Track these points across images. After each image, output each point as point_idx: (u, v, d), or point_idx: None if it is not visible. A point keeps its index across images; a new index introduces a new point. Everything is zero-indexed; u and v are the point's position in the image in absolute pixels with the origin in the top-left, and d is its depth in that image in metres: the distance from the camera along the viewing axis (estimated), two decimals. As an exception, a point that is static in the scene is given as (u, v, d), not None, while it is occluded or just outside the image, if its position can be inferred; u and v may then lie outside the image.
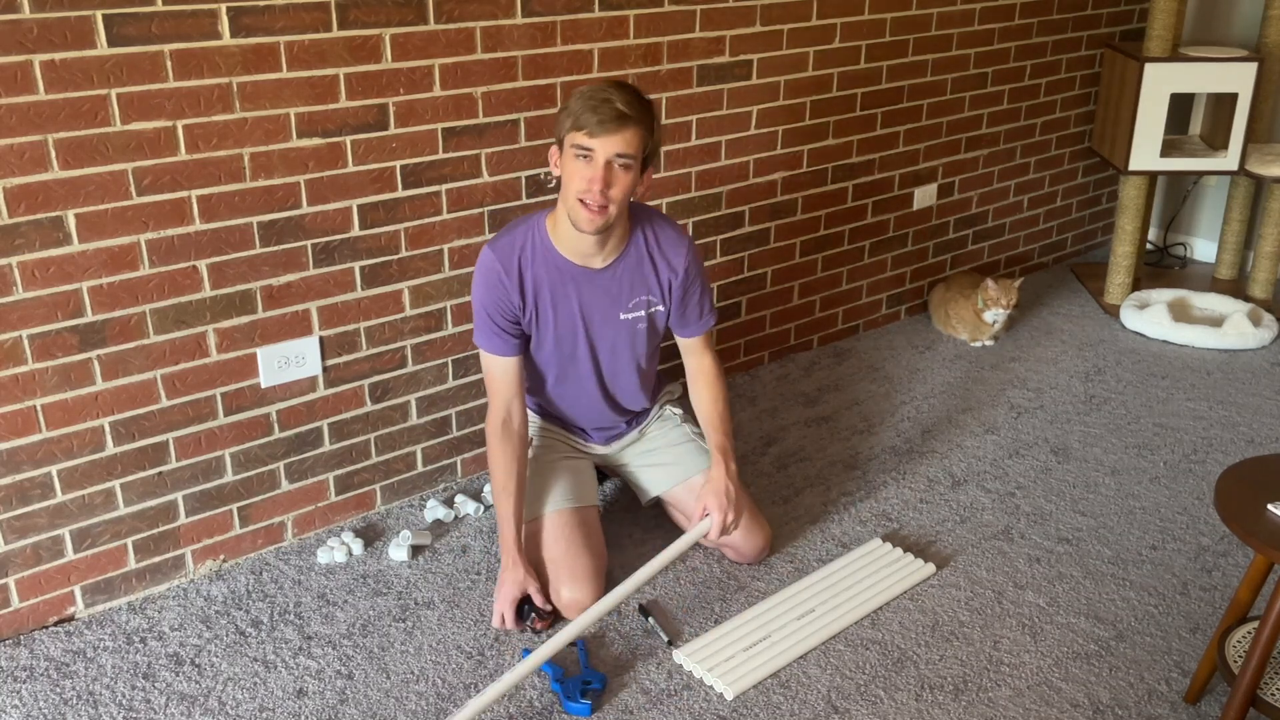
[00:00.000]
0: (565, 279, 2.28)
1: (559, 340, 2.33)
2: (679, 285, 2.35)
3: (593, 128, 2.08)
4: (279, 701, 2.09)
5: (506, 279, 2.25)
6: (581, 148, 2.11)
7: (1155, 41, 3.59)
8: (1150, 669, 2.17)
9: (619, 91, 2.12)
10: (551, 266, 2.27)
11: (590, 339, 2.35)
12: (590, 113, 2.08)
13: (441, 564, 2.50)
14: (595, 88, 2.13)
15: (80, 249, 2.12)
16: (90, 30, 2.01)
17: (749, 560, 2.46)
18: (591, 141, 2.09)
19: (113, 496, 2.30)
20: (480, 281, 2.27)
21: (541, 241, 2.26)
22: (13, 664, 2.19)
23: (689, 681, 2.15)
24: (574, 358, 2.37)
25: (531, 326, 2.31)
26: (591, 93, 2.11)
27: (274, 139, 2.27)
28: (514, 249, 2.26)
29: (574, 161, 2.13)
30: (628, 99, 2.11)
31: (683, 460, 2.52)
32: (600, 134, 2.08)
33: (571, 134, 2.11)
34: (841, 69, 3.24)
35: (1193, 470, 2.88)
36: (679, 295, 2.36)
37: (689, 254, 2.36)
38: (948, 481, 2.83)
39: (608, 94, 2.10)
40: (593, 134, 2.09)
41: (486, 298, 2.26)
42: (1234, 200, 4.02)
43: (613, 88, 2.13)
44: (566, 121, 2.12)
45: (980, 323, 3.55)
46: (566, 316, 2.31)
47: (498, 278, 2.25)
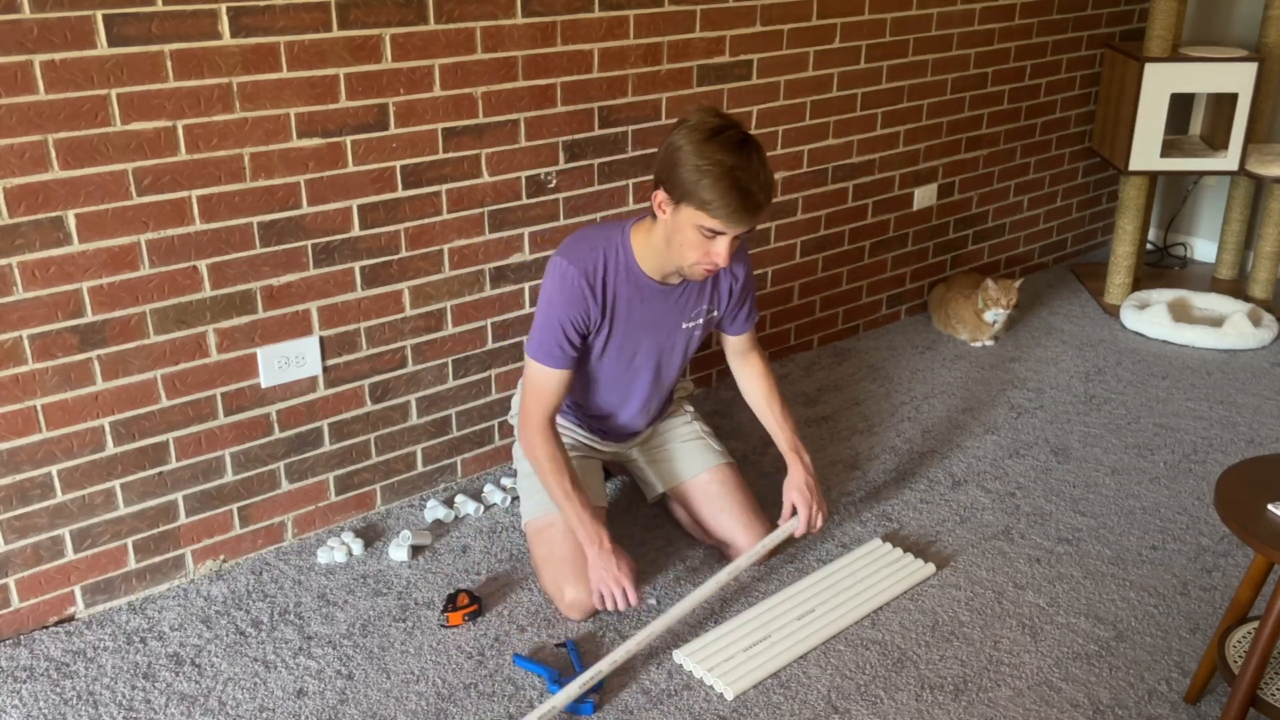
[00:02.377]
0: (644, 295, 2.26)
1: (622, 350, 2.32)
2: (739, 290, 2.37)
3: (726, 220, 2.01)
4: (279, 701, 2.09)
5: (591, 295, 2.20)
6: (710, 230, 2.04)
7: (1155, 41, 3.59)
8: (1150, 669, 2.17)
9: (757, 175, 2.00)
10: (633, 283, 2.24)
11: (653, 348, 2.35)
12: (724, 206, 1.99)
13: (441, 564, 2.50)
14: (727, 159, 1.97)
15: (80, 249, 2.12)
16: (90, 30, 2.01)
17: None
18: (724, 228, 2.03)
19: (113, 496, 2.30)
20: (560, 295, 2.19)
21: (625, 258, 2.22)
22: (13, 664, 2.19)
23: (689, 681, 2.15)
24: (632, 365, 2.36)
25: (598, 339, 2.28)
26: (728, 176, 1.98)
27: (274, 139, 2.27)
28: (598, 264, 2.20)
29: (695, 233, 2.06)
30: (765, 185, 2.02)
31: (691, 457, 2.52)
32: (734, 225, 2.03)
33: (698, 213, 2.02)
34: (841, 69, 3.24)
35: (1193, 470, 2.88)
36: (737, 299, 2.38)
37: (747, 259, 2.39)
38: (948, 481, 2.83)
39: (747, 184, 1.99)
40: (726, 224, 2.02)
41: (565, 312, 2.19)
42: (1234, 200, 4.02)
43: (747, 160, 1.99)
44: (692, 193, 2.00)
45: (980, 323, 3.55)
46: (636, 329, 2.30)
47: (582, 293, 2.19)
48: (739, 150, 2.01)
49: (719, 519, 2.45)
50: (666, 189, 2.07)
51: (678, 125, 2.07)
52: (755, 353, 2.52)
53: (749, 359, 2.52)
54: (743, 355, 2.52)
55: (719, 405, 3.20)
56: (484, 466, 2.87)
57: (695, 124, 2.04)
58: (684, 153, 2.01)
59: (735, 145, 2.01)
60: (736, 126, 2.05)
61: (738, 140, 2.02)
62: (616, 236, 2.24)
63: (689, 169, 2.00)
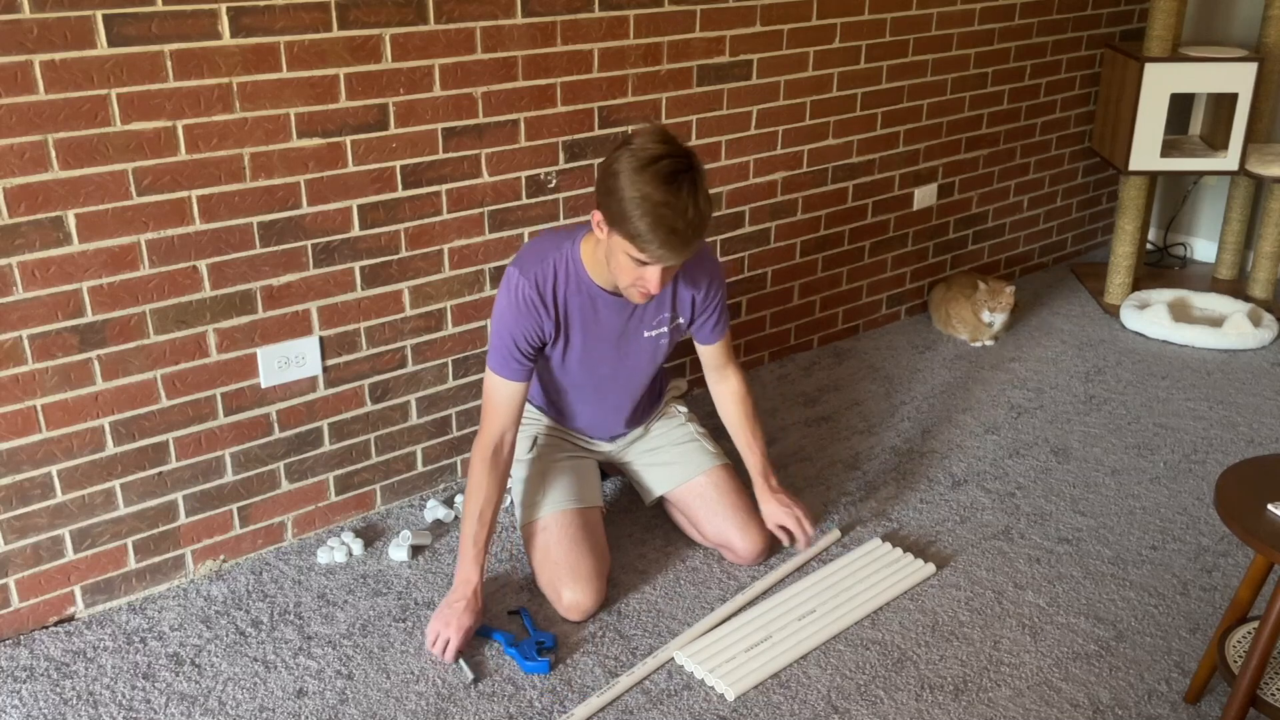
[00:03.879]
0: (597, 305, 2.25)
1: (584, 361, 2.32)
2: (702, 299, 2.36)
3: (652, 254, 1.99)
4: (279, 701, 2.09)
5: (542, 307, 2.19)
6: (639, 261, 2.03)
7: (1155, 41, 3.59)
8: (1150, 669, 2.17)
9: (684, 212, 1.96)
10: (585, 294, 2.23)
11: (618, 359, 2.35)
12: (651, 241, 1.96)
13: (441, 564, 2.50)
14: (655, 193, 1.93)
15: (80, 249, 2.12)
16: (90, 30, 2.01)
17: (746, 562, 2.47)
18: (650, 261, 2.02)
19: (113, 496, 2.30)
20: (510, 308, 2.19)
21: (575, 270, 2.21)
22: (13, 664, 2.19)
23: (689, 682, 2.15)
24: (597, 374, 2.36)
25: (555, 350, 2.28)
26: (654, 212, 1.94)
27: (274, 139, 2.27)
28: (548, 275, 2.20)
29: (625, 258, 2.04)
30: (693, 221, 1.97)
31: (686, 460, 2.52)
32: (660, 260, 2.01)
33: (626, 243, 2.00)
34: (841, 69, 3.24)
35: (1193, 470, 2.88)
36: (701, 308, 2.37)
37: (713, 269, 2.36)
38: (948, 481, 2.83)
39: (673, 222, 1.95)
40: (652, 258, 2.00)
41: (516, 325, 2.19)
42: (1234, 200, 4.02)
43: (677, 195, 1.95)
44: (621, 223, 1.98)
45: (980, 323, 3.55)
46: (595, 340, 2.29)
47: (531, 304, 2.18)
48: (670, 184, 1.95)
49: (715, 522, 2.45)
50: (602, 211, 2.05)
51: (621, 146, 2.02)
52: (731, 369, 2.49)
53: (725, 376, 2.49)
54: (719, 370, 2.49)
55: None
56: (484, 466, 2.87)
57: (635, 148, 1.99)
58: (619, 180, 1.97)
59: (667, 178, 1.96)
60: (674, 155, 1.99)
61: (670, 173, 1.96)
62: (567, 247, 2.22)
63: (620, 198, 1.97)
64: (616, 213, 1.99)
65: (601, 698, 2.08)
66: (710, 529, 2.46)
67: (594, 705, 2.06)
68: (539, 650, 2.17)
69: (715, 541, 2.48)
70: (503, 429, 2.24)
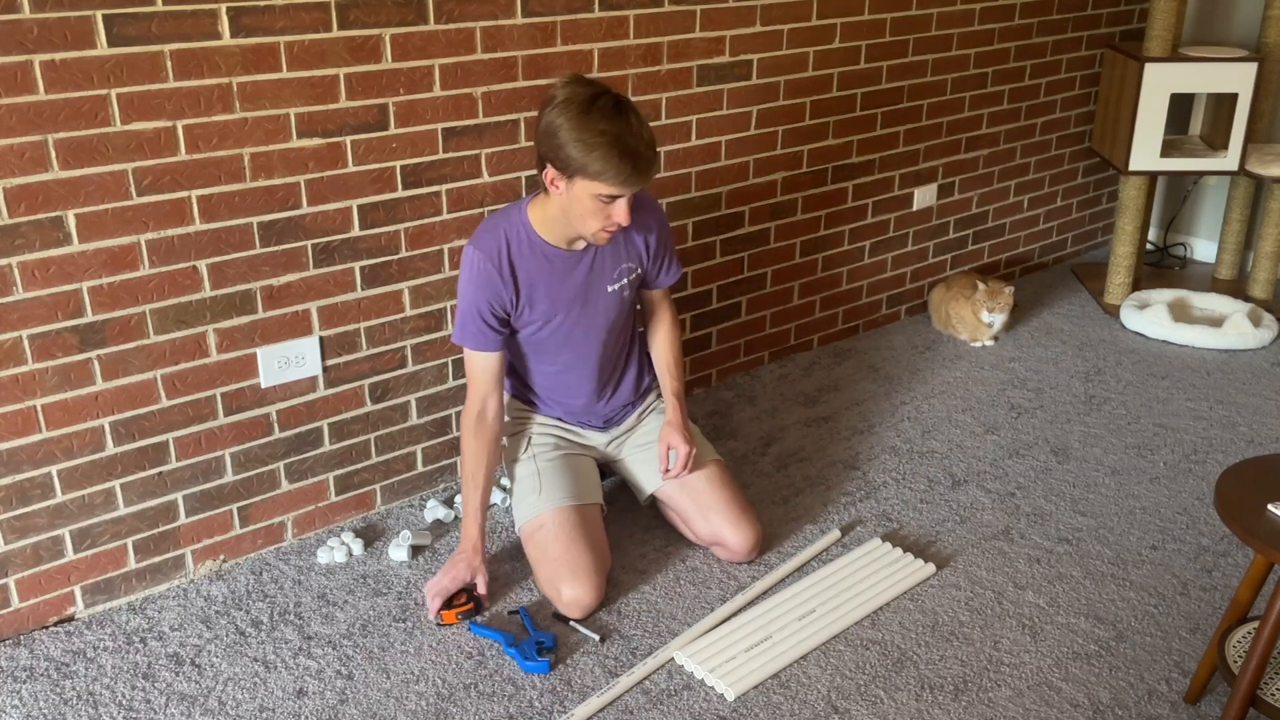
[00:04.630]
0: (554, 266, 2.30)
1: (551, 324, 2.35)
2: (655, 243, 2.41)
3: (621, 185, 2.07)
4: (279, 701, 2.09)
5: (499, 276, 2.25)
6: (607, 196, 2.10)
7: (1155, 41, 3.60)
8: (1150, 669, 2.17)
9: (641, 136, 2.06)
10: (540, 256, 2.28)
11: (584, 317, 2.38)
12: (618, 173, 2.04)
13: (441, 564, 2.50)
14: (609, 127, 2.03)
15: (80, 249, 2.12)
16: (90, 30, 2.01)
17: (740, 558, 2.46)
18: (620, 191, 2.09)
19: (113, 496, 2.30)
20: (470, 281, 2.26)
21: (527, 234, 2.27)
22: (13, 664, 2.19)
23: (689, 682, 2.15)
24: (571, 337, 2.38)
25: (522, 318, 2.32)
26: (616, 144, 2.03)
27: (274, 139, 2.27)
28: (501, 245, 2.26)
29: (592, 201, 2.11)
30: (650, 142, 2.07)
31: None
32: (629, 187, 2.09)
33: (593, 183, 2.07)
34: (841, 69, 3.24)
35: (1193, 470, 2.88)
36: (655, 253, 2.43)
37: (658, 212, 2.43)
38: (948, 481, 2.83)
39: (635, 146, 2.04)
40: (622, 188, 2.08)
41: (478, 296, 2.26)
42: (1234, 200, 4.02)
43: (627, 124, 2.05)
44: (584, 167, 2.05)
45: (980, 323, 3.55)
46: (560, 302, 2.33)
47: (488, 276, 2.25)
48: (618, 116, 2.06)
49: (708, 517, 2.44)
50: (556, 166, 2.11)
51: (550, 103, 2.09)
52: (667, 303, 2.56)
53: (662, 307, 2.55)
54: (656, 304, 2.55)
55: (718, 405, 3.20)
56: (484, 466, 2.87)
57: (567, 97, 2.07)
58: (565, 130, 2.05)
59: (613, 111, 2.06)
60: (608, 92, 2.09)
61: (613, 105, 2.07)
62: (515, 215, 2.29)
63: (575, 145, 2.04)
64: (574, 160, 2.06)
65: (601, 698, 2.08)
66: (702, 525, 2.45)
67: (594, 705, 2.06)
68: (539, 650, 2.17)
69: (708, 538, 2.47)
70: (484, 396, 2.33)
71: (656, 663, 2.17)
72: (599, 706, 2.07)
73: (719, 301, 3.23)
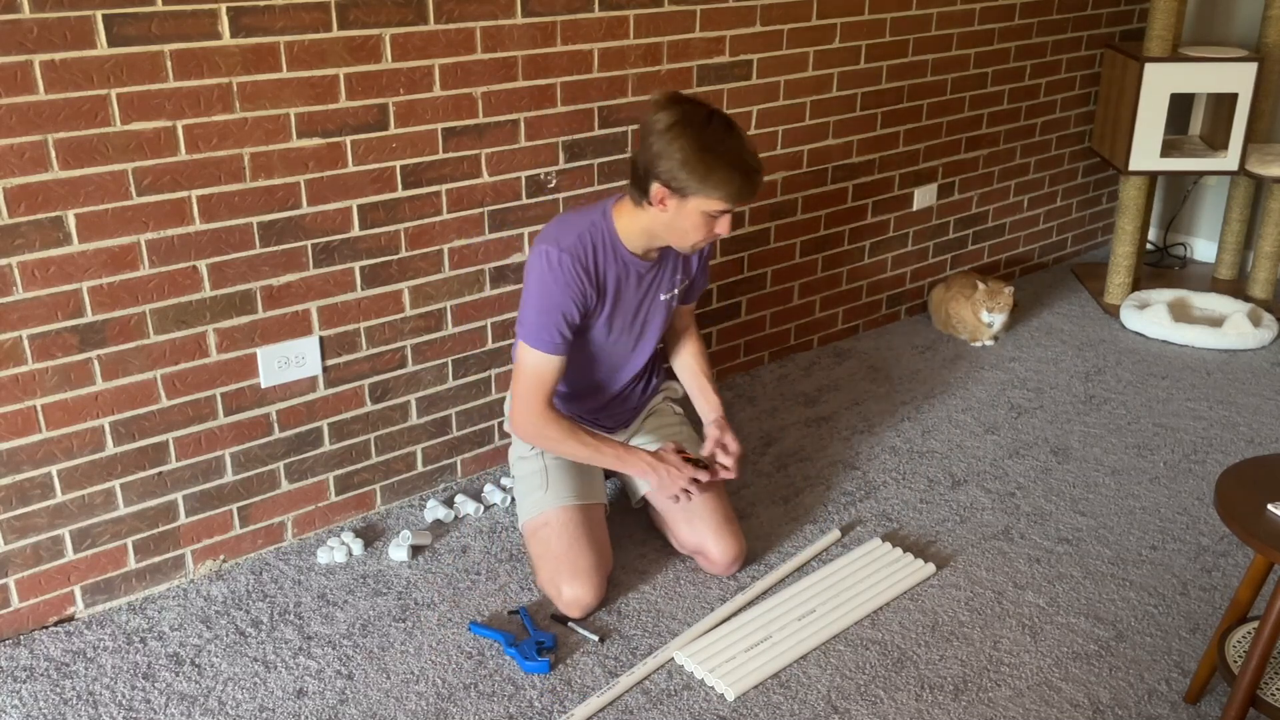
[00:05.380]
0: (630, 272, 2.32)
1: (613, 327, 2.37)
2: (699, 258, 2.48)
3: (736, 201, 2.15)
4: (279, 701, 2.09)
5: (586, 279, 2.24)
6: (722, 212, 2.16)
7: (1155, 41, 3.59)
8: (1150, 669, 2.17)
9: (753, 154, 2.14)
10: (620, 262, 2.30)
11: (640, 322, 2.41)
12: (738, 192, 2.12)
13: (441, 564, 2.50)
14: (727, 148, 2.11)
15: (80, 249, 2.12)
16: (90, 30, 2.01)
17: (720, 570, 2.44)
18: (733, 208, 2.17)
19: (113, 496, 2.30)
20: (556, 282, 2.22)
21: (611, 240, 2.28)
22: (13, 664, 2.19)
23: (689, 682, 2.15)
24: (621, 340, 2.41)
25: (596, 320, 2.33)
26: (735, 164, 2.11)
27: (274, 139, 2.27)
28: (588, 249, 2.25)
29: (700, 217, 2.17)
30: (758, 159, 2.16)
31: None
32: (742, 203, 2.16)
33: (709, 201, 2.13)
34: (841, 69, 3.24)
35: (1193, 470, 2.88)
36: (701, 265, 2.49)
37: None
38: (948, 481, 2.83)
39: (752, 165, 2.13)
40: (736, 204, 2.15)
41: (564, 297, 2.22)
42: (1234, 200, 4.02)
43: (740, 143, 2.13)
44: (703, 187, 2.11)
45: (980, 323, 3.55)
46: (628, 306, 2.36)
47: (577, 277, 2.23)
48: (731, 134, 2.14)
49: (692, 524, 2.42)
50: (669, 186, 2.14)
51: (658, 126, 2.12)
52: (694, 327, 2.63)
53: (690, 332, 2.61)
54: (685, 327, 2.61)
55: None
56: (484, 466, 2.87)
57: (679, 120, 2.11)
58: (684, 152, 2.10)
59: (725, 132, 2.13)
60: (716, 111, 2.16)
61: (725, 126, 2.14)
62: (599, 219, 2.28)
63: (694, 166, 2.10)
64: (695, 179, 2.11)
65: (601, 698, 2.08)
66: (686, 532, 2.44)
67: (594, 705, 2.06)
68: (539, 650, 2.17)
69: (691, 547, 2.45)
70: (550, 394, 2.29)
71: (656, 663, 2.18)
72: (599, 706, 2.07)
73: (719, 301, 3.23)
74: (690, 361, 2.59)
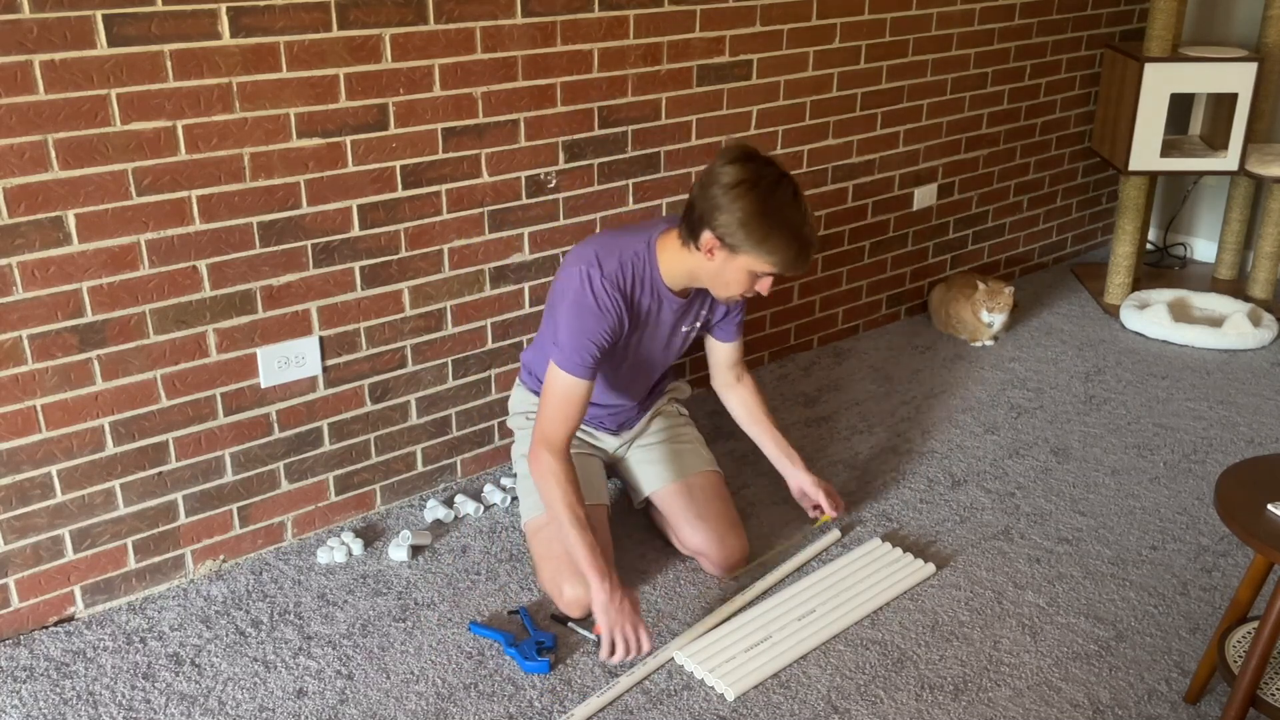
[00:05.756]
0: (663, 306, 2.31)
1: (630, 352, 2.36)
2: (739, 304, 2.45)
3: (787, 269, 2.13)
4: (279, 701, 2.09)
5: (625, 307, 2.22)
6: (765, 273, 2.15)
7: (1155, 41, 3.59)
8: (1150, 669, 2.17)
9: (812, 225, 2.14)
10: (655, 294, 2.29)
11: (656, 350, 2.40)
12: (792, 261, 2.11)
13: (441, 564, 2.50)
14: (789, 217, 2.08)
15: (80, 249, 2.12)
16: (90, 30, 2.01)
17: (722, 572, 2.44)
18: (782, 273, 2.15)
19: (113, 496, 2.30)
20: (592, 309, 2.19)
21: (651, 273, 2.26)
22: (13, 664, 2.19)
23: (689, 682, 2.15)
24: (636, 364, 2.41)
25: (620, 344, 2.30)
26: (795, 233, 2.09)
27: (274, 139, 2.27)
28: (627, 279, 2.23)
29: (746, 275, 2.15)
30: (814, 224, 2.18)
31: (676, 461, 2.52)
32: (792, 271, 2.15)
33: (760, 262, 2.11)
34: (841, 69, 3.24)
35: (1193, 470, 2.88)
36: (733, 305, 2.44)
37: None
38: (948, 481, 2.83)
39: (809, 237, 2.11)
40: (786, 271, 2.14)
41: (598, 325, 2.19)
42: (1234, 200, 4.02)
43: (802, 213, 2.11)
44: (758, 248, 2.09)
45: (980, 323, 3.55)
46: (653, 335, 2.35)
47: (617, 305, 2.20)
48: (796, 204, 2.11)
49: (696, 525, 2.42)
50: (723, 239, 2.11)
51: (724, 180, 2.08)
52: (746, 372, 2.61)
53: (740, 376, 2.60)
54: (733, 369, 2.58)
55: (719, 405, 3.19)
56: (484, 466, 2.87)
57: (748, 179, 2.08)
58: (746, 213, 2.07)
59: (791, 200, 2.11)
60: (785, 176, 2.12)
61: (791, 193, 2.11)
62: (643, 250, 2.26)
63: (753, 228, 2.07)
64: (751, 240, 2.08)
65: (601, 698, 2.08)
66: (689, 534, 2.44)
67: (594, 705, 2.06)
68: (539, 650, 2.17)
69: (693, 548, 2.45)
70: (575, 426, 2.24)
71: (656, 663, 2.17)
72: (599, 706, 2.07)
73: (719, 301, 3.23)
74: (752, 407, 2.59)
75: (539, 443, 2.22)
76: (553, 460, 2.19)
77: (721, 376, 2.60)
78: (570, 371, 2.20)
